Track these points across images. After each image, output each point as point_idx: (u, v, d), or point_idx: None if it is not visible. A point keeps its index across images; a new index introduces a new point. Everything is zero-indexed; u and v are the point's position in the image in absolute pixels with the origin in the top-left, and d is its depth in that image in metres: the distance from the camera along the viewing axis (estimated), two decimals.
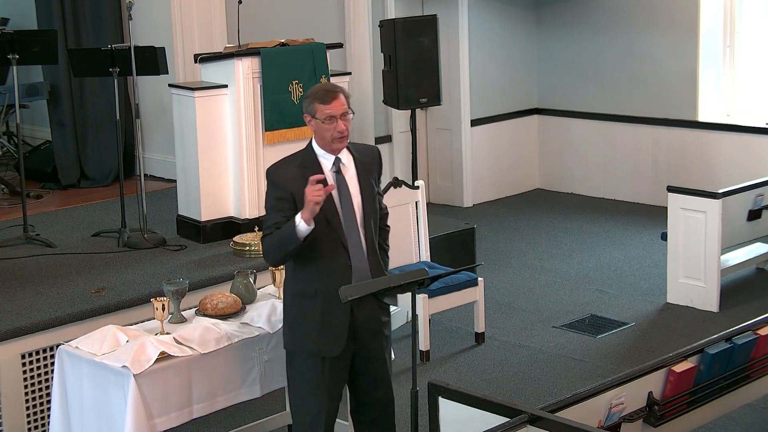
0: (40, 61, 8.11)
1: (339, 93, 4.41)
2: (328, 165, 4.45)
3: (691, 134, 9.82)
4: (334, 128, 4.37)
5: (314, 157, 4.45)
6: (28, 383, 5.48)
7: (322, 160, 4.45)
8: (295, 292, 4.52)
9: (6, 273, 6.45)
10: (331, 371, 4.47)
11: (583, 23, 10.40)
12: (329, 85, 4.54)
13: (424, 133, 10.36)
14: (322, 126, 4.38)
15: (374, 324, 4.54)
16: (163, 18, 8.90)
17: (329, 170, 4.44)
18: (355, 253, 4.44)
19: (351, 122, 4.45)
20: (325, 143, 4.42)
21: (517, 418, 3.72)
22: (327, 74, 7.12)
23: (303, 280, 4.48)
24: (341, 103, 4.39)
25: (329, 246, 4.39)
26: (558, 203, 10.41)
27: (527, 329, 7.15)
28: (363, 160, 4.54)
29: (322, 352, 4.44)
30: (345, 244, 4.41)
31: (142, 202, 7.02)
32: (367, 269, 4.48)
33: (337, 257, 4.41)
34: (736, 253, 7.81)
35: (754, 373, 4.94)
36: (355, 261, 4.43)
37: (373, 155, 4.63)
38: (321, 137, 4.42)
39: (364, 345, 4.52)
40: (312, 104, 4.39)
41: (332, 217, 4.39)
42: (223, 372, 4.76)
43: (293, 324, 4.53)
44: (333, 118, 4.36)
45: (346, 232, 4.42)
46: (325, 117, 4.36)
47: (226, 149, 7.02)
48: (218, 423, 5.59)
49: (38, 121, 10.21)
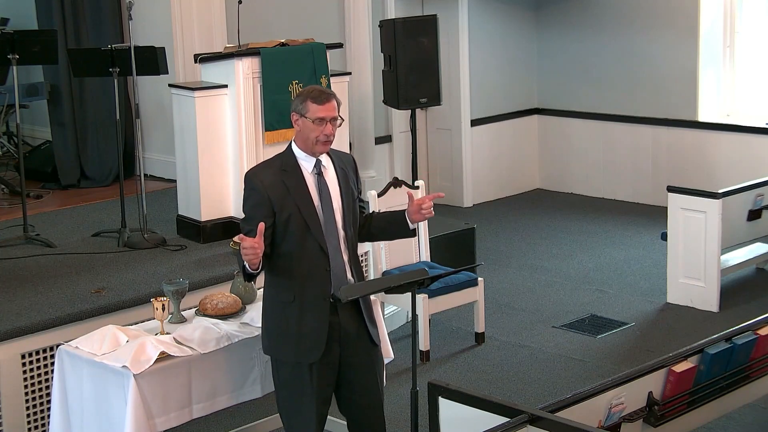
0: (40, 61, 8.10)
1: (332, 97, 4.41)
2: (308, 167, 4.41)
3: (691, 134, 9.82)
4: (321, 130, 4.35)
5: (294, 161, 4.41)
6: (28, 383, 5.47)
7: (303, 162, 4.41)
8: (274, 298, 4.46)
9: (6, 273, 6.45)
10: (318, 376, 4.40)
11: (583, 23, 10.40)
12: (324, 88, 4.53)
13: (424, 133, 10.36)
14: (310, 126, 4.35)
15: (355, 329, 4.46)
16: (163, 18, 8.89)
17: (310, 173, 4.41)
18: (334, 257, 4.40)
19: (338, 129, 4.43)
20: (308, 145, 4.39)
21: (517, 418, 3.72)
22: (327, 74, 7.12)
23: (280, 286, 4.41)
24: (333, 106, 4.38)
25: (308, 251, 4.35)
26: (558, 203, 10.41)
27: (527, 329, 7.15)
28: (342, 165, 4.53)
29: (304, 357, 4.37)
30: (324, 248, 4.37)
31: (142, 202, 7.02)
32: (346, 274, 4.44)
33: (315, 262, 4.36)
34: (736, 253, 7.82)
35: (754, 373, 4.94)
36: (333, 265, 4.39)
37: (348, 161, 4.61)
38: (305, 138, 4.39)
39: (350, 351, 4.46)
40: (304, 103, 4.37)
41: (312, 220, 4.35)
42: (223, 372, 4.76)
43: (271, 331, 4.46)
44: (323, 120, 4.35)
45: (326, 236, 4.38)
46: (316, 117, 4.34)
47: (226, 149, 7.02)
48: (218, 423, 5.59)
49: (38, 121, 10.20)
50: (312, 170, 4.42)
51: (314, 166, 4.42)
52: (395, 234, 4.67)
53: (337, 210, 4.43)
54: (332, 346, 4.40)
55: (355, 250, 4.52)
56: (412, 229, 4.56)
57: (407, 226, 4.53)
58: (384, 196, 6.87)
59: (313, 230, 4.35)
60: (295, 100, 4.44)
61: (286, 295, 4.39)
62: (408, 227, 4.54)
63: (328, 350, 4.39)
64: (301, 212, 4.32)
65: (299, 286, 4.36)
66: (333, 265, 4.39)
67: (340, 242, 4.43)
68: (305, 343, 4.36)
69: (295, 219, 4.31)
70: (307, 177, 4.40)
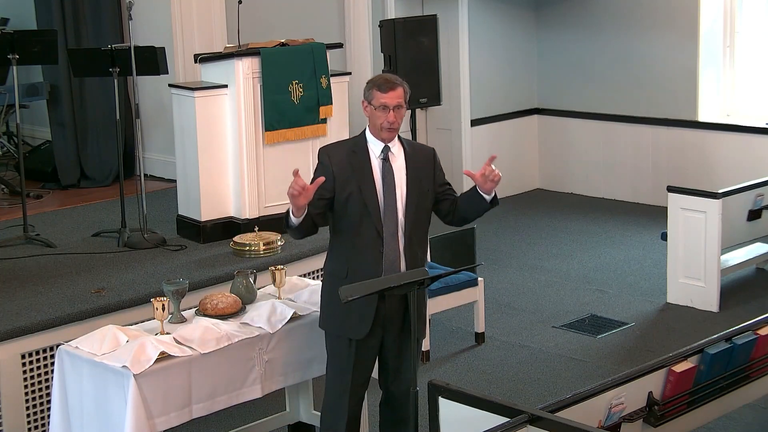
0: (40, 61, 8.11)
1: (399, 86, 4.54)
2: (377, 151, 4.57)
3: (691, 134, 9.82)
4: (384, 117, 4.50)
5: (364, 143, 4.59)
6: (28, 383, 5.47)
7: (372, 146, 4.58)
8: (330, 271, 4.64)
9: (6, 273, 6.45)
10: (356, 355, 4.56)
11: (583, 23, 10.40)
12: (391, 76, 4.66)
13: (424, 133, 10.36)
14: (375, 113, 4.52)
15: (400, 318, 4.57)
16: (163, 18, 8.90)
17: (377, 157, 4.55)
18: (389, 242, 4.50)
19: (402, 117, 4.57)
20: (376, 131, 4.56)
21: (517, 418, 3.72)
22: (327, 74, 7.12)
23: (336, 259, 4.59)
24: (398, 95, 4.52)
25: (364, 230, 4.48)
26: (558, 203, 10.41)
27: (527, 329, 7.15)
28: (415, 157, 4.62)
29: (348, 333, 4.55)
30: (380, 231, 4.48)
31: (142, 202, 7.02)
32: (400, 260, 4.53)
33: (370, 242, 4.49)
34: (736, 253, 7.81)
35: (754, 373, 4.94)
36: (387, 249, 4.50)
37: (427, 154, 4.72)
38: (373, 124, 4.56)
39: (392, 337, 4.59)
40: (371, 90, 4.54)
41: (371, 202, 4.47)
42: (223, 372, 4.76)
43: (325, 303, 4.66)
44: (386, 108, 4.50)
45: (384, 220, 4.48)
46: (379, 105, 4.50)
47: (226, 149, 7.02)
48: (218, 423, 5.59)
49: (38, 121, 10.21)
50: (379, 155, 4.54)
51: (381, 151, 4.55)
52: (479, 209, 4.71)
53: (400, 197, 4.53)
54: (375, 329, 4.54)
55: (414, 241, 4.56)
56: (490, 200, 4.63)
57: (484, 199, 4.61)
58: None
59: (371, 212, 4.48)
60: (366, 86, 4.59)
61: (340, 270, 4.55)
62: (485, 200, 4.62)
63: (371, 332, 4.53)
64: (361, 192, 4.46)
65: (353, 263, 4.51)
66: (386, 250, 4.49)
67: (398, 229, 4.52)
68: (352, 319, 4.52)
69: (354, 199, 4.45)
70: (373, 161, 4.54)
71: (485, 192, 4.58)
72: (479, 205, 4.65)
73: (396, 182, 4.54)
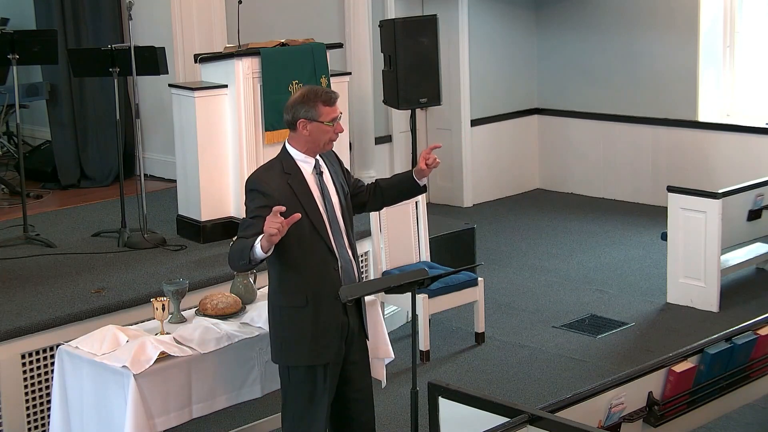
0: (40, 61, 8.10)
1: (337, 94, 4.45)
2: (308, 169, 4.41)
3: (691, 134, 9.82)
4: (333, 130, 4.37)
5: (293, 162, 4.39)
6: (28, 383, 5.47)
7: (302, 164, 4.40)
8: (283, 305, 4.42)
9: (6, 273, 6.44)
10: (332, 376, 4.42)
11: (583, 23, 10.40)
12: (320, 88, 4.51)
13: (424, 133, 10.36)
14: (323, 128, 4.35)
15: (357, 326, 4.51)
16: (163, 18, 8.89)
17: (311, 173, 4.41)
18: (342, 255, 4.42)
19: None
20: (317, 147, 4.39)
21: (517, 418, 3.72)
22: (327, 74, 7.12)
23: (291, 291, 4.38)
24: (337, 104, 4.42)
25: (316, 252, 4.35)
26: (558, 203, 10.41)
27: (527, 329, 7.15)
28: (329, 162, 4.54)
29: (318, 360, 4.38)
30: (332, 247, 4.38)
31: (142, 202, 7.02)
32: (352, 265, 4.47)
33: (325, 262, 4.37)
34: (736, 253, 7.82)
35: (754, 373, 4.94)
36: (342, 263, 4.42)
37: (332, 156, 4.60)
38: (314, 141, 4.37)
39: (353, 348, 4.50)
40: (315, 108, 4.33)
41: (318, 221, 4.35)
42: (223, 372, 4.76)
43: (284, 339, 4.43)
44: (335, 119, 4.37)
45: (332, 235, 4.39)
46: (331, 118, 4.35)
47: (226, 149, 7.02)
48: (218, 423, 5.58)
49: (38, 121, 10.20)
50: (312, 171, 4.42)
51: (314, 167, 4.42)
52: (407, 193, 4.74)
53: (338, 208, 4.45)
54: (341, 345, 4.44)
55: (353, 241, 4.53)
56: (423, 185, 4.64)
57: (417, 183, 4.62)
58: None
59: (320, 231, 4.35)
60: (296, 107, 4.36)
61: (298, 300, 4.36)
62: (418, 184, 4.63)
63: (338, 349, 4.42)
64: (308, 214, 4.30)
65: (311, 289, 4.35)
66: (342, 263, 4.41)
67: (344, 239, 4.45)
68: (321, 344, 4.37)
69: (302, 221, 4.24)
70: (308, 178, 4.40)
71: (420, 178, 4.62)
72: (412, 191, 4.70)
73: (331, 194, 4.44)
